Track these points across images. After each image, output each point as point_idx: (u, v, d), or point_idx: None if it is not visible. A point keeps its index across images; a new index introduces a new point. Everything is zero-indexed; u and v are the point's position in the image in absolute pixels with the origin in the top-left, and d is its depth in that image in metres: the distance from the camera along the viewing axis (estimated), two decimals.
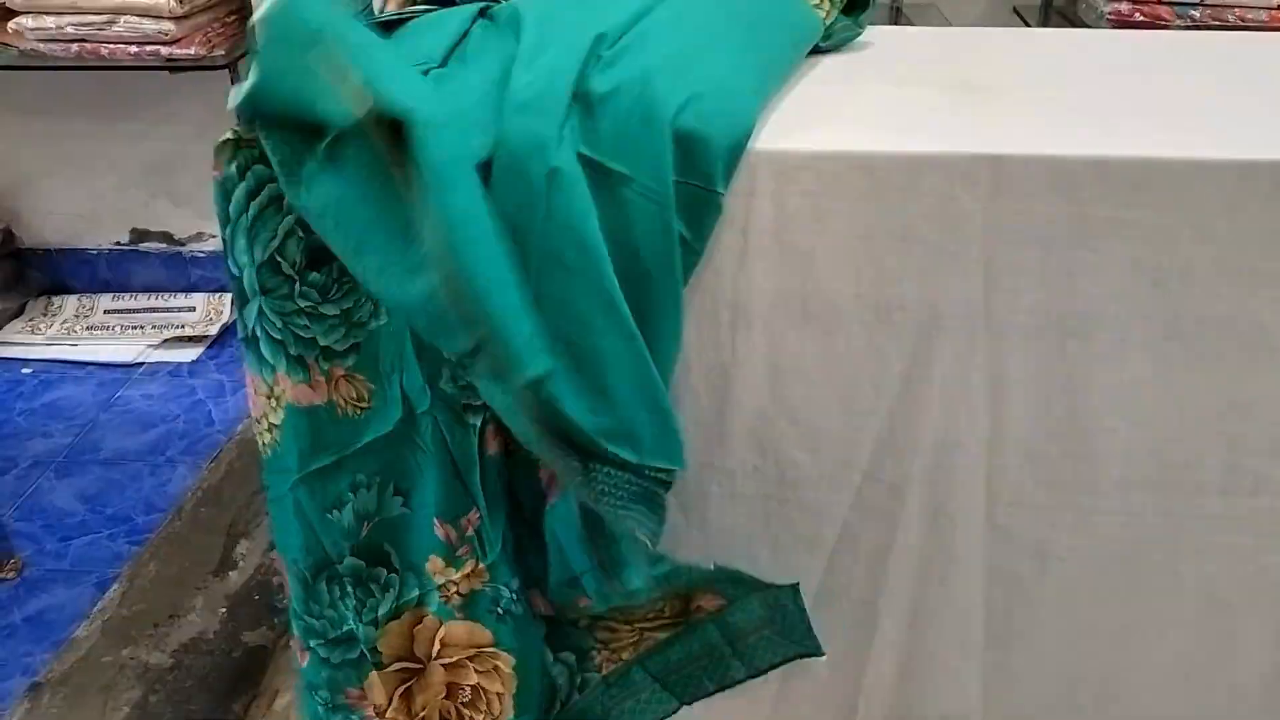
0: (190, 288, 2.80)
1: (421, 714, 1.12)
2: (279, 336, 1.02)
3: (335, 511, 1.06)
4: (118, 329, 2.69)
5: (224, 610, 1.82)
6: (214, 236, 2.76)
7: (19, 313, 2.75)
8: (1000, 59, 1.26)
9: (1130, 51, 1.30)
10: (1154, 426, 1.09)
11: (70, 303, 2.79)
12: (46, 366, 2.59)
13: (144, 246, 2.80)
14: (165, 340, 2.65)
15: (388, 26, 1.09)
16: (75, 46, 2.23)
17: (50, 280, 2.82)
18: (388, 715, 1.11)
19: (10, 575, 1.91)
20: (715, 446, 1.13)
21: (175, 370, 2.58)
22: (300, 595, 1.09)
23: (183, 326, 2.68)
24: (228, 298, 2.76)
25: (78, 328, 2.70)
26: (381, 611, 1.08)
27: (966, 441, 1.12)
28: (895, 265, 1.05)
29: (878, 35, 1.32)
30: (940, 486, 1.13)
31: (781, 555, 1.16)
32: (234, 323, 2.68)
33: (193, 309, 2.75)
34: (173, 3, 2.17)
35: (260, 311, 1.02)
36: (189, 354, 2.62)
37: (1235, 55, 1.28)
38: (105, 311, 2.76)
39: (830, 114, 1.08)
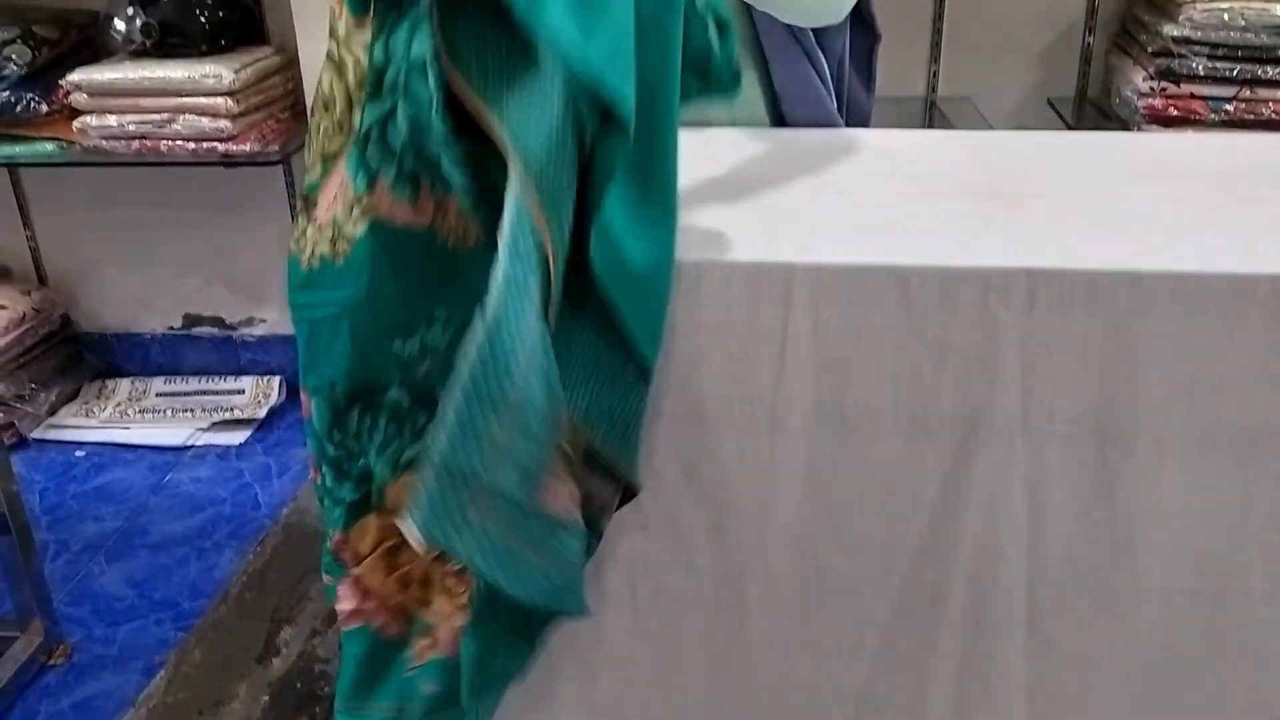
0: (240, 371, 2.87)
1: (401, 572, 1.03)
2: (397, 145, 0.94)
3: (401, 340, 0.99)
4: (169, 412, 2.76)
5: (266, 698, 1.84)
6: (264, 320, 2.83)
7: (74, 395, 2.82)
8: (1032, 165, 1.28)
9: (1163, 156, 1.32)
10: (1195, 535, 1.09)
11: (124, 385, 2.86)
12: (99, 449, 2.65)
13: (196, 331, 2.87)
14: (214, 423, 2.70)
15: None
16: (136, 143, 2.32)
17: (105, 363, 2.90)
18: (363, 564, 1.03)
19: (59, 661, 1.94)
20: (755, 553, 1.14)
21: (223, 453, 2.63)
22: (326, 419, 1.01)
23: (232, 410, 2.73)
24: (276, 381, 2.82)
25: (130, 410, 2.77)
26: (405, 456, 1.01)
27: (1007, 548, 1.12)
28: (932, 376, 1.07)
29: (909, 140, 1.35)
30: (981, 593, 1.13)
31: (823, 661, 1.16)
32: (280, 406, 2.73)
33: (241, 392, 2.81)
34: (230, 102, 2.25)
35: (390, 112, 0.93)
36: (237, 437, 2.67)
37: (1268, 160, 1.30)
38: (157, 394, 2.83)
39: (864, 225, 1.11)
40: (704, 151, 1.32)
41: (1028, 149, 1.35)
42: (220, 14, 2.37)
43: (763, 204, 1.16)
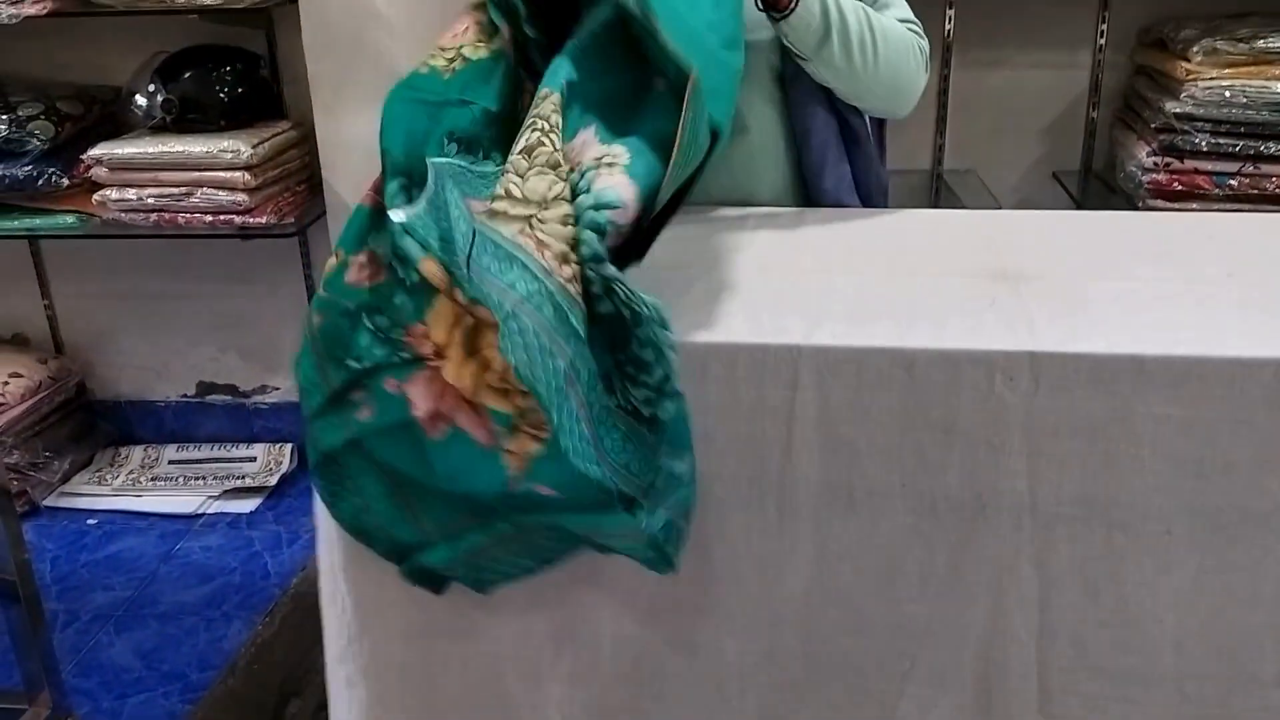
0: (252, 438, 2.88)
1: (483, 353, 0.96)
2: None
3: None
4: (181, 479, 2.77)
5: None
6: (277, 388, 2.85)
7: (88, 463, 2.84)
8: (1036, 244, 1.30)
9: (1167, 236, 1.33)
10: (1205, 618, 1.09)
11: (136, 453, 2.88)
12: (111, 517, 2.66)
13: (210, 399, 2.90)
14: (226, 491, 2.71)
15: None
16: (154, 216, 2.36)
17: (119, 431, 2.92)
18: (446, 353, 0.97)
19: None
20: (763, 632, 1.14)
21: (234, 521, 2.63)
22: (400, 198, 1.01)
23: (243, 477, 2.74)
24: (288, 448, 2.83)
25: (143, 478, 2.78)
26: None
27: (1017, 630, 1.12)
28: (938, 456, 1.07)
29: (915, 220, 1.37)
30: (991, 676, 1.12)
31: None
32: (292, 473, 2.74)
33: (253, 459, 2.82)
34: (247, 176, 2.30)
35: None
36: (248, 505, 2.67)
37: (1273, 241, 1.31)
38: (170, 462, 2.84)
39: (871, 306, 1.12)
40: (711, 231, 1.34)
41: (1032, 228, 1.37)
42: (239, 90, 2.43)
43: (770, 284, 1.17)
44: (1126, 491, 1.06)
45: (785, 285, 1.17)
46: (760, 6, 1.32)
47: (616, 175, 1.01)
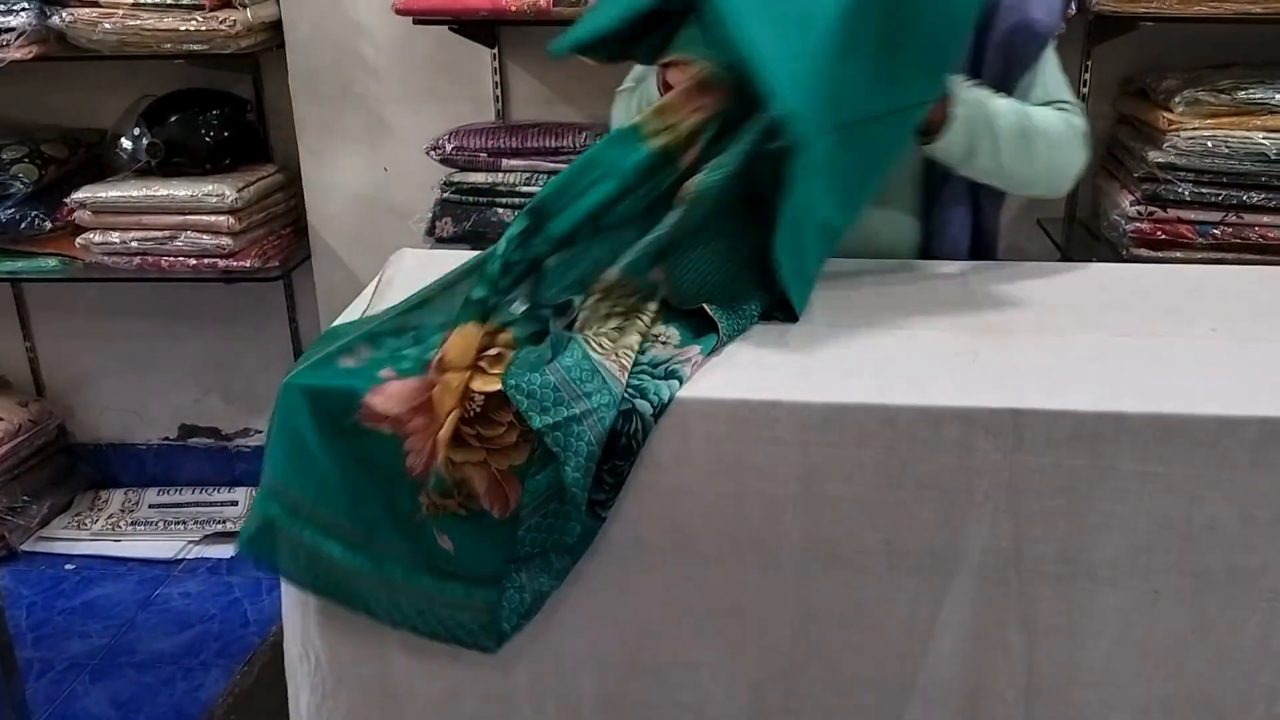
0: (234, 482, 2.85)
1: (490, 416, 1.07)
2: None
3: None
4: (161, 524, 2.73)
5: None
6: (259, 431, 2.83)
7: (67, 507, 2.80)
8: (1020, 297, 1.29)
9: (1149, 289, 1.33)
10: (1192, 675, 1.08)
11: (117, 497, 2.84)
12: (89, 562, 2.62)
13: (192, 442, 2.87)
14: (206, 535, 2.68)
15: None
16: (137, 259, 2.35)
17: (99, 474, 2.89)
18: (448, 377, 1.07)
19: None
20: (746, 688, 1.12)
21: (214, 566, 2.60)
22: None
23: (224, 522, 2.71)
24: None
25: (122, 523, 2.75)
26: None
27: (1003, 689, 1.10)
28: (921, 513, 1.06)
29: (900, 273, 1.37)
30: None
31: None
32: None
33: (235, 503, 2.79)
34: (232, 220, 2.29)
35: None
36: (229, 550, 2.64)
37: (1256, 294, 1.31)
38: (150, 505, 2.81)
39: (854, 361, 1.11)
40: None
41: (1016, 279, 1.37)
42: (225, 134, 2.42)
43: (750, 337, 1.16)
44: (1111, 549, 1.05)
45: (766, 338, 1.17)
46: None
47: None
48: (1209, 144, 1.84)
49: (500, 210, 2.09)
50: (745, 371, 1.10)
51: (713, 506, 1.08)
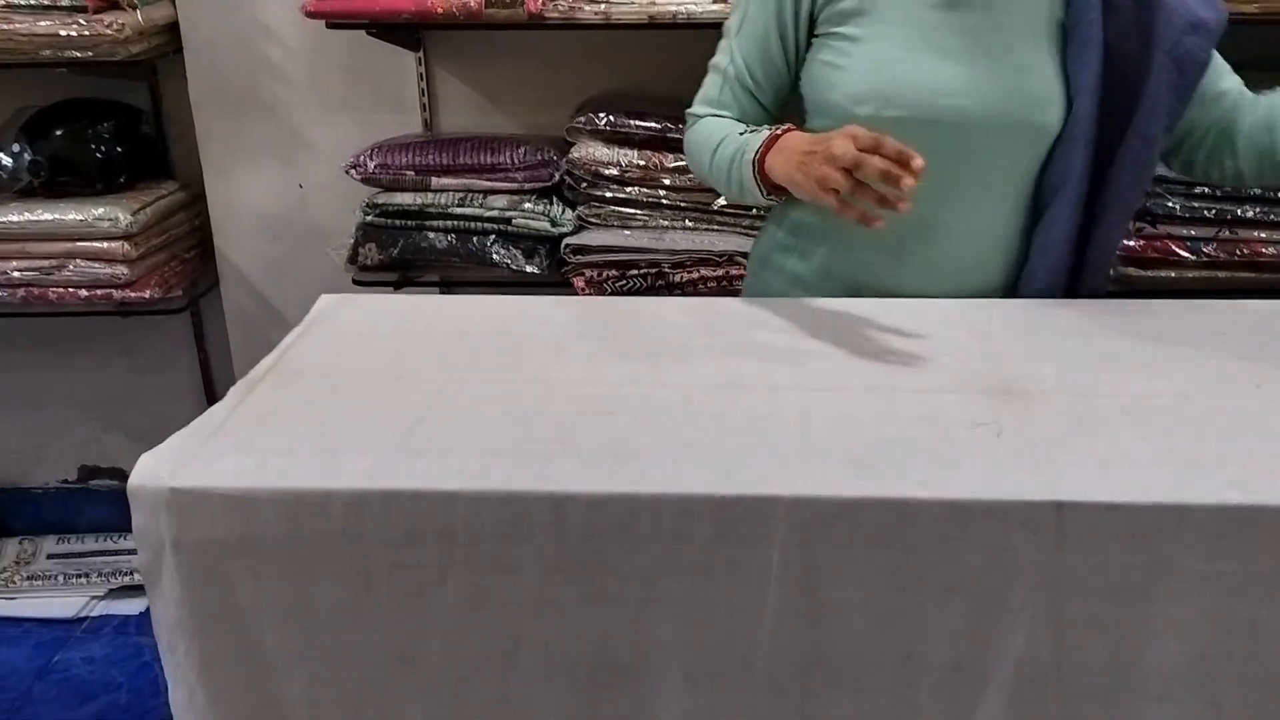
0: None
1: None
2: None
3: None
4: (60, 577, 2.49)
5: None
6: None
7: None
8: (1028, 344, 1.14)
9: (1171, 332, 1.18)
10: None
11: (10, 547, 2.59)
12: None
13: (93, 484, 2.62)
14: (112, 590, 2.44)
15: None
16: (21, 292, 2.10)
17: None
18: None
19: None
20: None
21: (122, 624, 2.36)
22: None
23: (131, 573, 2.47)
24: None
25: (17, 577, 2.49)
26: None
27: None
28: (945, 621, 0.89)
29: (880, 311, 1.20)
30: None
31: None
32: None
33: None
34: (127, 246, 2.05)
35: None
36: (137, 604, 2.41)
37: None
38: (48, 556, 2.56)
39: (861, 441, 0.94)
40: (652, 327, 1.15)
41: (1018, 320, 1.21)
42: (118, 148, 2.17)
43: (734, 411, 0.99)
44: (1168, 659, 0.89)
45: (745, 409, 0.99)
46: None
47: None
48: None
49: (431, 235, 1.89)
50: (731, 457, 0.92)
51: (701, 617, 0.90)
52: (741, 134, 1.25)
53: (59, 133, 2.15)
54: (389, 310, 1.27)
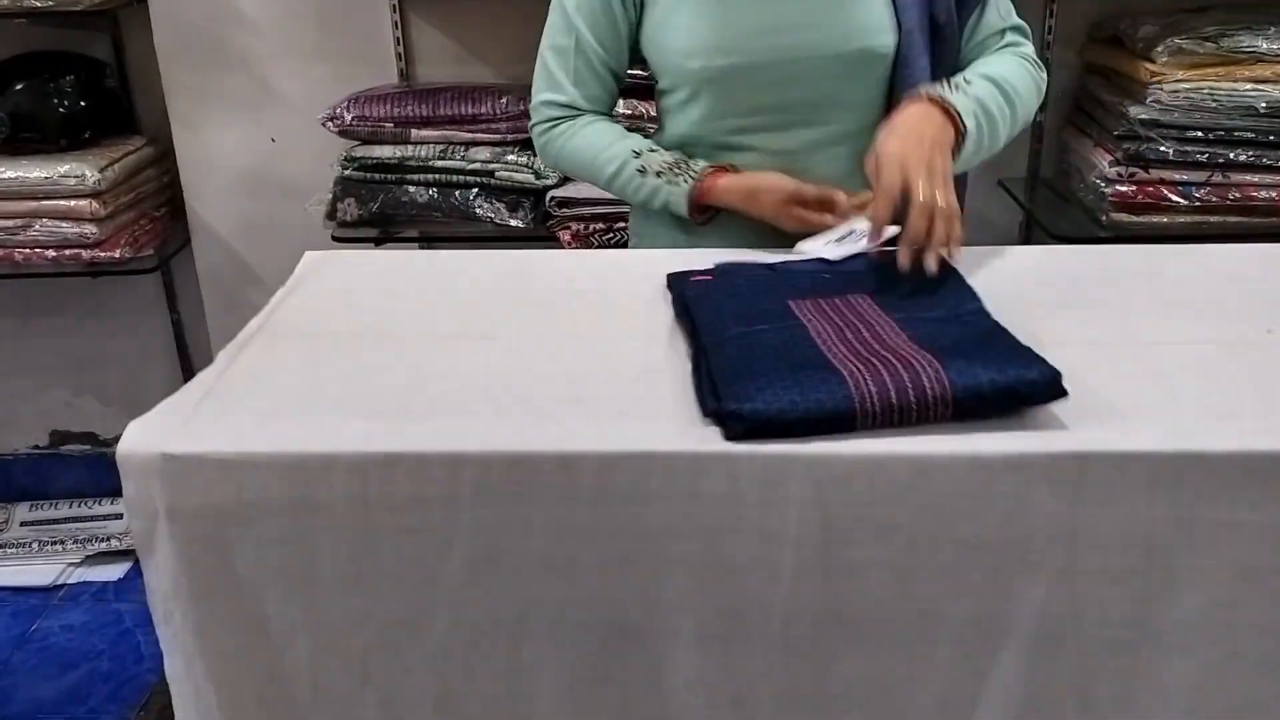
0: (115, 492, 2.54)
1: None
2: None
3: None
4: (35, 545, 2.44)
5: None
6: None
7: None
8: (1030, 294, 1.11)
9: (1179, 279, 1.16)
10: None
11: None
12: None
13: (65, 449, 2.57)
14: (89, 556, 2.40)
15: None
16: None
17: None
18: None
19: None
20: None
21: (100, 591, 2.33)
22: None
23: (108, 539, 2.43)
24: None
25: None
26: None
27: None
28: (964, 577, 0.88)
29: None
30: None
31: None
32: None
33: (119, 516, 2.50)
34: (95, 204, 1.99)
35: None
36: (116, 570, 2.37)
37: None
38: (22, 524, 2.51)
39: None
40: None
41: (1014, 269, 1.18)
42: (82, 103, 2.09)
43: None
44: (1188, 610, 0.88)
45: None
46: None
47: None
48: (1195, 97, 1.68)
49: (412, 189, 1.84)
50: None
51: (719, 578, 0.88)
52: (642, 171, 1.27)
53: (19, 87, 2.08)
54: (376, 267, 1.23)
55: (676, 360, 0.98)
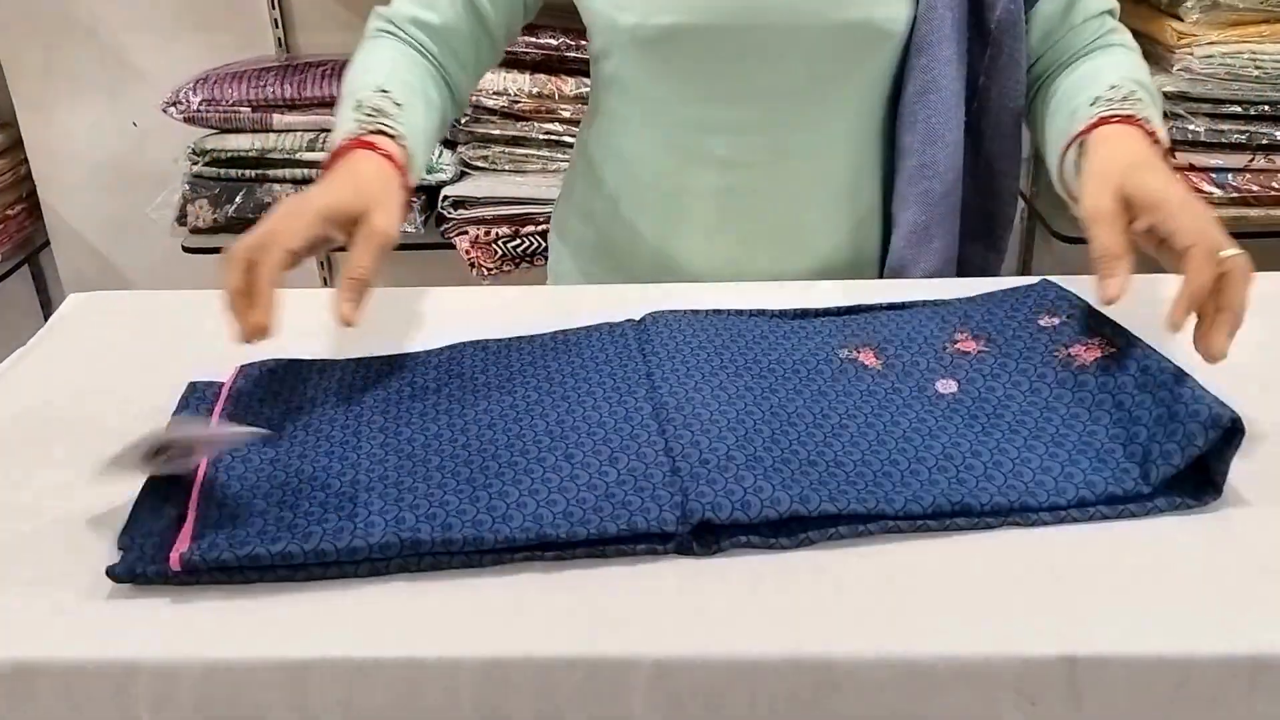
0: None
1: None
2: None
3: None
4: None
5: None
6: None
7: None
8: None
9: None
10: None
11: None
12: None
13: None
14: None
15: None
16: None
17: None
18: None
19: None
20: None
21: None
22: None
23: None
24: None
25: None
26: None
27: None
28: None
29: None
30: None
31: None
32: None
33: None
34: None
35: None
36: None
37: None
38: None
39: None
40: None
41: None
42: None
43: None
44: None
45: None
46: None
47: None
48: (1233, 64, 1.36)
49: (276, 187, 1.52)
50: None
51: None
52: (361, 107, 0.84)
53: None
54: (168, 310, 0.91)
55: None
